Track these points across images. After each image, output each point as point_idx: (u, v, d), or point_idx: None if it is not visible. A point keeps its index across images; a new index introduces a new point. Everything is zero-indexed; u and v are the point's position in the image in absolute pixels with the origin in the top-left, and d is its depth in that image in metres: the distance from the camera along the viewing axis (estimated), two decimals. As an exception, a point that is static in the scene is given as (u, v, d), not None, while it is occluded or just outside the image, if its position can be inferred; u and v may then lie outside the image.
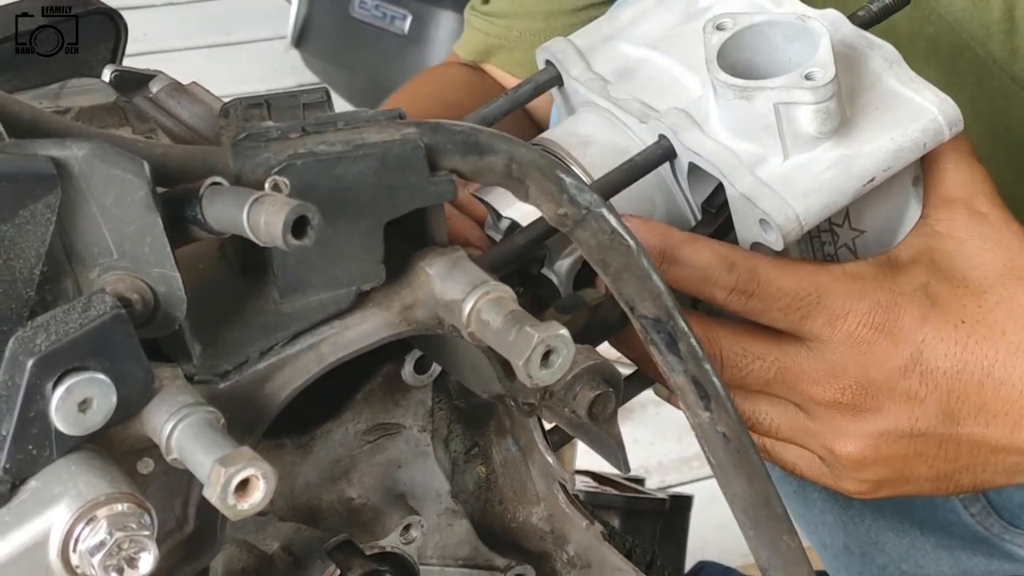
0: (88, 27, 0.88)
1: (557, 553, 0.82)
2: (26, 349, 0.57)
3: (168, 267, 0.61)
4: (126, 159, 0.60)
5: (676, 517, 1.24)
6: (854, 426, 0.84)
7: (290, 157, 0.63)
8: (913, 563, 1.26)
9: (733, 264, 0.79)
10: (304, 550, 0.76)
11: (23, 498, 0.58)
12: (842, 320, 0.81)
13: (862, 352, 0.82)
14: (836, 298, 0.81)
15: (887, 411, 0.83)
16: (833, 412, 0.84)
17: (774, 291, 0.80)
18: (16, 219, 0.57)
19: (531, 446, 0.80)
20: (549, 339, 0.65)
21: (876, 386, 0.83)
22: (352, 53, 2.34)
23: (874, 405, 0.83)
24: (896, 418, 0.83)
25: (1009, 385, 0.82)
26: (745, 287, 0.79)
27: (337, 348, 0.67)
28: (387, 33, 2.33)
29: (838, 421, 0.84)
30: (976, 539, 1.24)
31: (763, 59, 0.83)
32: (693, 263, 0.78)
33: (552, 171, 0.67)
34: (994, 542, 1.24)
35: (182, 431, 0.59)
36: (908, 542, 1.26)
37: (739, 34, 0.83)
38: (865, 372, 0.82)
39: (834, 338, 0.82)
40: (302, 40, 2.42)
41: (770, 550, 0.70)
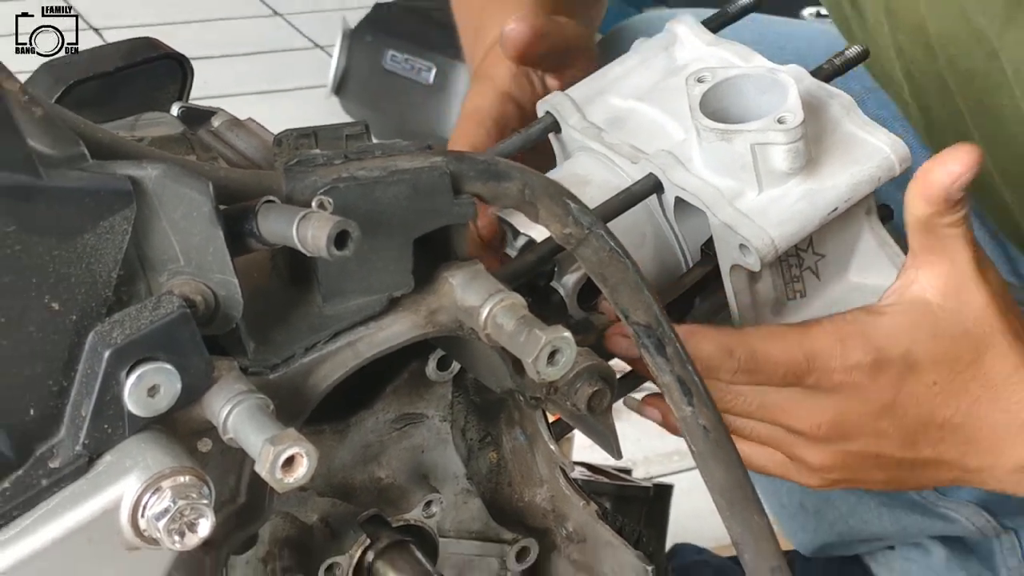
0: (160, 69, 0.88)
1: (557, 529, 0.82)
2: (104, 342, 0.57)
3: (228, 274, 0.61)
4: (193, 179, 0.60)
5: (659, 503, 1.24)
6: (824, 446, 0.84)
7: (334, 180, 0.64)
8: (859, 519, 1.26)
9: (732, 350, 0.78)
10: (339, 522, 0.76)
11: (99, 470, 0.58)
12: (828, 376, 0.80)
13: (843, 399, 0.81)
14: (824, 359, 0.80)
15: (856, 441, 0.83)
16: (807, 437, 0.84)
17: (771, 366, 0.79)
18: (97, 229, 0.57)
19: (536, 435, 0.80)
20: (555, 340, 0.65)
21: (850, 425, 0.82)
22: (384, 100, 2.34)
23: (845, 437, 0.83)
24: (863, 445, 0.83)
25: (966, 426, 0.81)
26: (747, 367, 0.79)
27: (371, 346, 0.67)
28: (414, 83, 2.33)
29: (811, 442, 0.84)
30: (913, 504, 1.23)
31: (737, 108, 0.83)
32: (697, 355, 0.76)
33: (560, 196, 0.68)
34: (928, 507, 1.24)
35: (237, 415, 0.60)
36: (855, 500, 1.25)
37: (717, 86, 0.83)
38: (842, 415, 0.82)
39: (820, 389, 0.81)
40: (341, 88, 2.42)
41: (743, 527, 0.69)
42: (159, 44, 0.89)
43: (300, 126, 0.73)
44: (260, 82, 2.56)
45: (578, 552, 0.82)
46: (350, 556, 0.75)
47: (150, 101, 0.86)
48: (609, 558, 0.81)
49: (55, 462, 0.58)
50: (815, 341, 0.80)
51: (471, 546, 0.80)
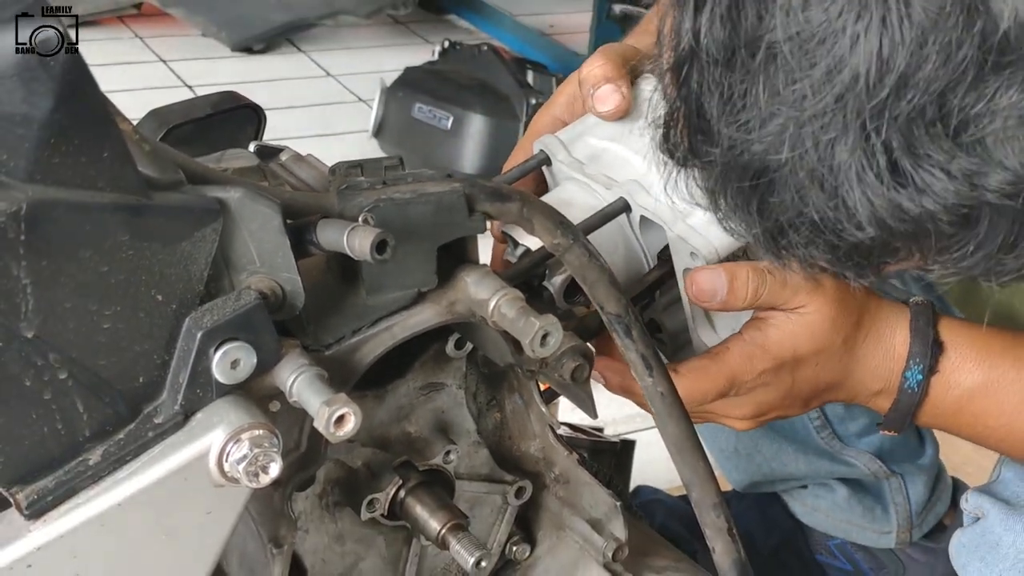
0: (240, 116, 0.88)
1: (547, 473, 0.82)
2: (197, 325, 0.57)
3: (293, 272, 0.62)
4: (266, 200, 0.60)
5: (624, 454, 1.24)
6: (747, 421, 0.84)
7: (375, 201, 0.64)
8: (780, 463, 1.26)
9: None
10: (378, 466, 0.76)
11: (192, 425, 0.59)
12: (744, 385, 0.80)
13: (757, 395, 0.81)
14: (739, 376, 0.79)
15: (770, 414, 0.83)
16: (733, 419, 0.85)
17: (702, 395, 0.78)
18: (192, 238, 0.57)
19: (531, 400, 0.80)
20: (547, 326, 0.66)
21: (765, 406, 0.82)
22: (412, 142, 2.34)
23: (762, 415, 0.83)
24: (776, 414, 0.83)
25: (841, 383, 0.82)
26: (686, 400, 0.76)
27: (404, 330, 0.67)
28: (435, 128, 2.33)
29: (736, 420, 0.85)
30: (822, 451, 1.23)
31: None
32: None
33: (550, 214, 0.68)
34: (834, 454, 1.24)
35: (300, 382, 0.60)
36: (777, 447, 1.25)
37: None
38: (758, 404, 0.82)
39: (740, 394, 0.81)
40: (379, 132, 2.42)
41: (690, 471, 0.69)
42: (239, 97, 0.89)
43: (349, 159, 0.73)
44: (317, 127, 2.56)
45: (563, 491, 0.82)
46: (386, 493, 0.75)
47: (233, 140, 0.85)
48: (587, 495, 0.81)
49: (158, 418, 0.58)
50: (730, 365, 0.79)
51: (480, 486, 0.79)
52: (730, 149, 0.55)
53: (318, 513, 0.75)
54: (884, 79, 0.49)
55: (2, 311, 0.52)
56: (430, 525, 0.74)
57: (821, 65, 0.50)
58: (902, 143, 0.51)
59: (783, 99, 0.52)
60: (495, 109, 2.30)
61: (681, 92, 0.57)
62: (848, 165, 0.52)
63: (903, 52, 0.49)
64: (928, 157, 0.51)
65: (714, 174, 0.58)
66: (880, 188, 0.52)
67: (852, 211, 0.53)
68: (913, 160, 0.51)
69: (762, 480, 1.30)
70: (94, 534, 0.57)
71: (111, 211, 0.54)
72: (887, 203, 0.53)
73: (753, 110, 0.53)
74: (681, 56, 0.56)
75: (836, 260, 0.58)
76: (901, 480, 1.27)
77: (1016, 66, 0.48)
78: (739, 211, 0.59)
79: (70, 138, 0.52)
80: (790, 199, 0.55)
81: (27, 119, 0.51)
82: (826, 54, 0.50)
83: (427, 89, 2.36)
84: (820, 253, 0.58)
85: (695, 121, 0.57)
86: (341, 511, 0.75)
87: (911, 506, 1.28)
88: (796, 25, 0.50)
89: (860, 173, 0.52)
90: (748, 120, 0.54)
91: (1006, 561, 0.83)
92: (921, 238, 0.55)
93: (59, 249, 0.53)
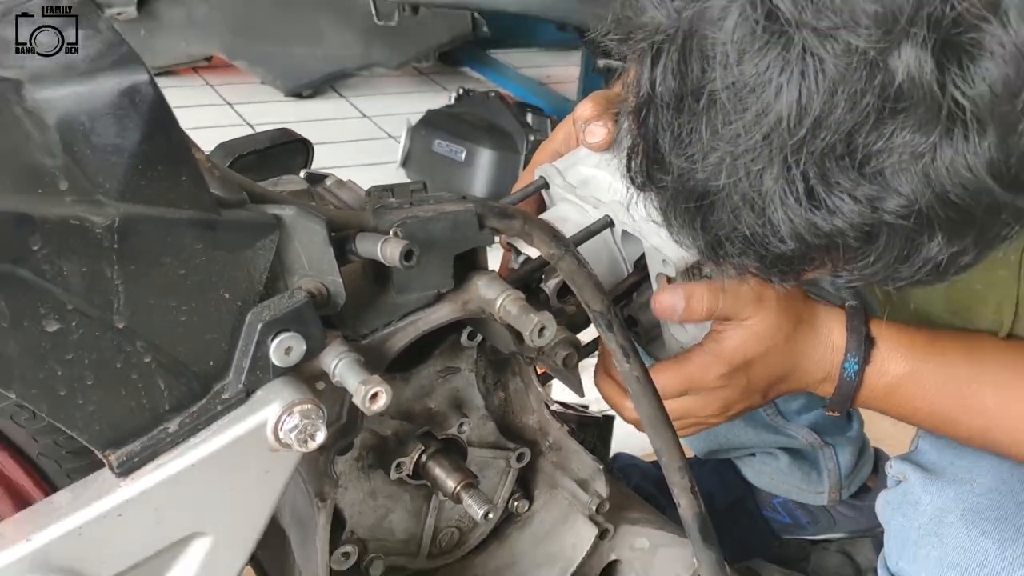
0: (293, 149, 0.88)
1: (542, 441, 0.82)
2: (258, 318, 0.57)
3: (335, 276, 0.61)
4: (314, 216, 0.60)
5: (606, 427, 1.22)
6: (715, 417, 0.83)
7: (403, 218, 0.64)
8: (733, 435, 1.24)
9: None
10: (404, 435, 0.76)
11: (253, 401, 0.59)
12: (705, 386, 0.78)
13: (718, 394, 0.79)
14: (698, 379, 0.78)
15: (733, 408, 0.82)
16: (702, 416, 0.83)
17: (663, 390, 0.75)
18: (254, 247, 0.57)
19: (529, 382, 0.80)
20: (543, 320, 0.65)
21: (728, 403, 0.81)
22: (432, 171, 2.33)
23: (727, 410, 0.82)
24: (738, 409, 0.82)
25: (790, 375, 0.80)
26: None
27: (426, 323, 0.67)
28: (452, 160, 2.33)
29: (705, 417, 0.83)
30: (768, 425, 1.22)
31: None
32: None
33: (546, 228, 0.68)
34: (778, 428, 1.23)
35: (341, 366, 0.60)
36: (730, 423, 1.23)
37: None
38: (721, 401, 0.80)
39: (701, 395, 0.80)
40: (406, 163, 2.41)
41: (660, 440, 0.69)
42: (292, 132, 0.89)
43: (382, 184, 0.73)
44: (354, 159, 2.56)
45: (555, 456, 0.82)
46: (411, 457, 0.75)
47: (286, 168, 0.85)
48: (575, 460, 0.81)
49: (225, 395, 0.58)
50: (688, 370, 0.78)
51: (488, 452, 0.80)
52: (679, 177, 0.56)
53: (355, 474, 0.75)
54: (802, 121, 0.50)
55: (99, 306, 0.52)
56: (447, 484, 0.74)
57: (752, 109, 0.51)
58: (817, 173, 0.51)
59: (721, 137, 0.52)
60: (500, 144, 2.29)
61: (640, 130, 0.58)
62: (773, 191, 0.52)
63: (818, 100, 0.49)
64: (838, 184, 0.51)
65: (666, 197, 0.59)
66: (799, 209, 0.52)
67: (776, 228, 0.54)
68: (826, 187, 0.52)
69: (719, 448, 1.29)
70: (172, 489, 0.57)
71: (188, 225, 0.54)
72: (804, 222, 0.53)
73: (697, 145, 0.54)
74: (640, 101, 0.56)
75: (763, 267, 0.58)
76: (833, 450, 1.27)
77: (908, 112, 0.49)
78: (686, 227, 0.59)
79: (154, 165, 0.52)
80: (727, 217, 0.55)
81: (119, 149, 0.51)
82: (756, 101, 0.50)
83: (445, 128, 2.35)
84: (751, 261, 0.58)
85: (651, 154, 0.57)
86: (374, 472, 0.75)
87: (840, 471, 1.27)
88: (732, 76, 0.51)
89: (783, 197, 0.52)
90: (693, 153, 0.54)
91: (924, 516, 0.82)
92: (832, 250, 0.55)
93: (145, 256, 0.53)
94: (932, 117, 0.48)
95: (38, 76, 0.52)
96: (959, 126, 0.49)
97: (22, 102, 0.51)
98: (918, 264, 0.55)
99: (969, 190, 0.50)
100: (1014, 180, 0.50)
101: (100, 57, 0.52)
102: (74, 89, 0.51)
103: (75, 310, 0.51)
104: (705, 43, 0.51)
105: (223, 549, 0.60)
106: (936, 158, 0.49)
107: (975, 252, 0.55)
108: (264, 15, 2.75)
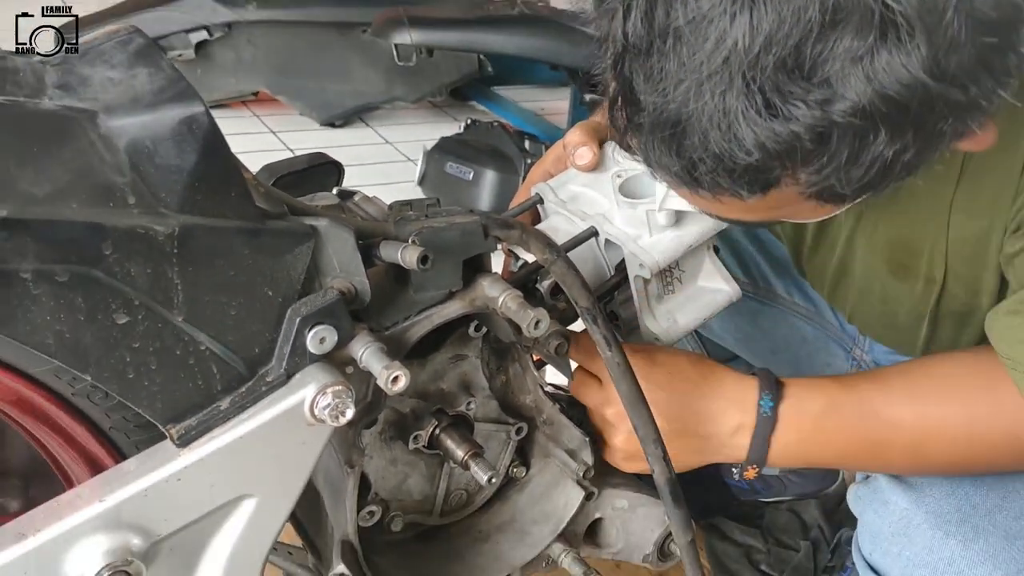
0: (327, 169, 0.88)
1: (538, 417, 0.82)
2: (296, 313, 0.57)
3: (362, 277, 0.61)
4: (344, 227, 0.60)
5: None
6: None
7: (420, 228, 0.63)
8: None
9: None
10: (421, 411, 0.75)
11: (292, 383, 0.58)
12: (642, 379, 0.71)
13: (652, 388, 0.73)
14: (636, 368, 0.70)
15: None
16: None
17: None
18: (293, 252, 0.57)
19: (527, 367, 0.79)
20: (538, 315, 0.65)
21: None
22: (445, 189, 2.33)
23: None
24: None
25: (698, 423, 0.75)
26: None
27: (439, 318, 0.67)
28: (461, 180, 2.32)
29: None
30: None
31: (639, 190, 0.82)
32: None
33: (541, 237, 0.67)
34: None
35: (367, 353, 0.59)
36: None
37: (630, 179, 0.82)
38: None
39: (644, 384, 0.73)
40: (422, 182, 2.41)
41: (637, 416, 0.69)
42: (326, 156, 0.88)
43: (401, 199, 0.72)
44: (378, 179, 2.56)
45: (548, 430, 0.82)
46: (426, 431, 0.75)
47: (321, 186, 0.85)
48: (565, 433, 0.81)
49: (269, 378, 0.58)
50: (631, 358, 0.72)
51: (491, 426, 0.79)
52: (654, 111, 0.54)
53: (379, 444, 0.74)
54: (755, 41, 0.49)
55: (161, 302, 0.52)
56: (457, 453, 0.74)
57: (711, 38, 0.50)
58: (772, 86, 0.50)
59: (687, 67, 0.52)
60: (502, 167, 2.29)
61: (618, 79, 0.56)
62: (735, 107, 0.51)
63: (766, 20, 0.48)
64: (791, 94, 0.50)
65: (644, 133, 0.57)
66: (759, 120, 0.51)
67: (741, 141, 0.52)
68: (781, 97, 0.51)
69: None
70: (223, 457, 0.57)
71: (237, 233, 0.54)
72: (765, 130, 0.52)
73: (668, 79, 0.53)
74: (616, 54, 0.55)
75: (733, 182, 0.56)
76: None
77: (846, 21, 0.48)
78: (663, 156, 0.57)
79: (208, 182, 0.52)
80: (698, 140, 0.54)
81: (179, 169, 0.51)
82: (714, 29, 0.50)
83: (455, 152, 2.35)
84: (722, 178, 0.56)
85: (628, 96, 0.56)
86: (394, 443, 0.75)
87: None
88: (692, 12, 0.50)
89: (744, 111, 0.51)
90: (665, 88, 0.53)
91: (894, 515, 0.78)
92: (791, 156, 0.53)
93: (201, 259, 0.53)
94: (867, 24, 0.48)
95: (110, 107, 0.52)
96: (891, 29, 0.48)
97: (96, 129, 0.51)
98: (867, 163, 0.53)
99: (905, 85, 0.49)
100: (943, 74, 0.49)
101: (162, 91, 0.52)
102: (141, 118, 0.51)
103: (141, 305, 0.51)
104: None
105: (267, 508, 0.60)
106: (874, 60, 0.49)
107: (915, 148, 0.53)
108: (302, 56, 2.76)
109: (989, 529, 0.73)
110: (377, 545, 0.77)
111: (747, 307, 1.09)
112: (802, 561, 1.23)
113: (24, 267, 0.47)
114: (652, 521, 0.84)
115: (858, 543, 0.83)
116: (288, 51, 2.73)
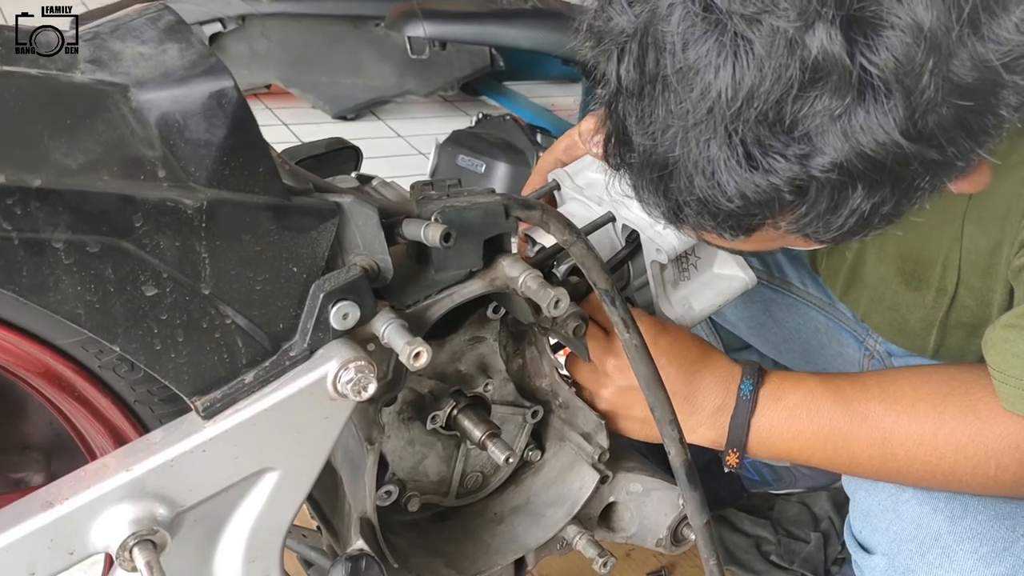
0: (346, 153, 0.88)
1: (553, 400, 0.82)
2: (320, 289, 0.57)
3: (385, 255, 0.61)
4: (368, 205, 0.60)
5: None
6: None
7: (442, 207, 0.64)
8: None
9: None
10: (439, 392, 0.76)
11: (315, 358, 0.59)
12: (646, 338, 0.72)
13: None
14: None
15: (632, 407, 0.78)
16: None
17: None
18: (318, 229, 0.57)
19: (543, 350, 0.80)
20: (558, 295, 0.65)
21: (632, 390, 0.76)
22: (456, 182, 2.34)
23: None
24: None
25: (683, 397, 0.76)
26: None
27: (460, 296, 0.67)
28: (473, 173, 2.32)
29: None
30: None
31: None
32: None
33: (562, 219, 0.67)
34: None
35: (389, 330, 0.60)
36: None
37: None
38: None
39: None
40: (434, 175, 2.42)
41: (654, 397, 0.68)
42: (345, 141, 0.89)
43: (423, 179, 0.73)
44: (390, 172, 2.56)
45: (564, 413, 0.82)
46: (444, 411, 0.75)
47: (339, 171, 0.86)
48: (581, 416, 0.81)
49: (292, 352, 0.58)
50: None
51: (508, 409, 0.80)
52: (643, 152, 0.56)
53: (397, 424, 0.75)
54: (738, 94, 0.50)
55: (189, 275, 0.53)
56: (474, 434, 0.74)
57: (697, 88, 0.51)
58: (753, 139, 0.51)
59: (674, 114, 0.53)
60: (514, 159, 2.29)
61: (612, 118, 0.58)
62: (718, 156, 0.52)
63: (749, 75, 0.49)
64: (771, 147, 0.51)
65: (635, 171, 0.58)
66: (740, 171, 0.52)
67: (723, 189, 0.53)
68: (761, 150, 0.52)
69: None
70: (247, 430, 0.57)
71: (263, 208, 0.54)
72: (746, 181, 0.53)
73: (656, 124, 0.54)
74: (610, 94, 0.57)
75: (717, 225, 0.57)
76: None
77: (825, 80, 0.49)
78: (652, 196, 0.58)
79: (237, 157, 0.53)
80: (683, 184, 0.55)
81: (208, 143, 0.52)
82: (700, 80, 0.51)
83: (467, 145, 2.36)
84: (707, 221, 0.57)
85: (620, 136, 0.57)
86: (413, 423, 0.76)
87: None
88: (679, 62, 0.51)
89: (726, 161, 0.52)
90: (654, 131, 0.54)
91: (883, 493, 0.79)
92: (771, 206, 0.54)
93: (228, 234, 0.53)
94: (845, 83, 0.49)
95: (141, 81, 0.52)
96: (869, 90, 0.49)
97: (128, 103, 0.52)
98: (845, 214, 0.54)
99: (881, 144, 0.50)
100: (920, 134, 0.50)
101: (193, 66, 0.53)
102: (171, 92, 0.52)
103: (169, 278, 0.52)
104: (658, 36, 0.52)
105: (288, 482, 0.60)
106: (852, 118, 0.49)
107: (893, 202, 0.54)
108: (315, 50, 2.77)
109: (978, 507, 0.73)
110: (394, 525, 0.77)
111: (761, 295, 1.09)
112: (812, 552, 1.23)
113: (56, 237, 0.47)
114: (666, 505, 0.85)
115: (850, 523, 0.83)
116: (301, 44, 2.74)
